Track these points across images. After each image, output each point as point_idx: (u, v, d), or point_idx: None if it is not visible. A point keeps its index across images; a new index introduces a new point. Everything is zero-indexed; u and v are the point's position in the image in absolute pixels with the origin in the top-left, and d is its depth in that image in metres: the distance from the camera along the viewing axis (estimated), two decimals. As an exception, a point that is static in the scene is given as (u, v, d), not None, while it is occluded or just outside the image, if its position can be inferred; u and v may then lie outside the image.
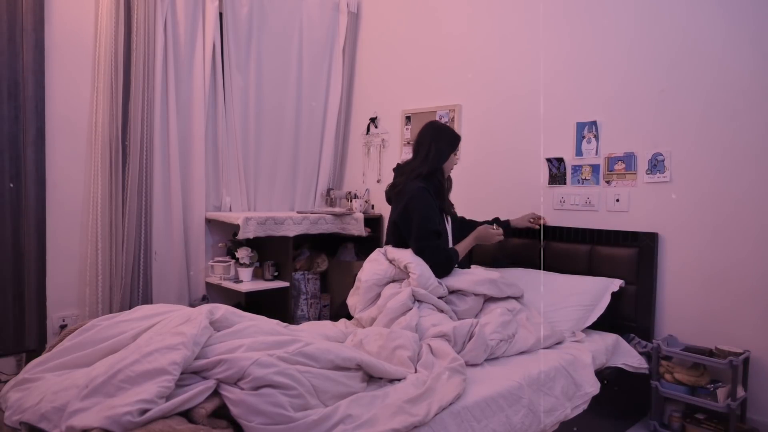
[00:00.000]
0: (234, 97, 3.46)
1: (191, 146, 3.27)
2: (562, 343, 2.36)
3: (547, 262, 2.97)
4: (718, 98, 2.49)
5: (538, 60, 3.09)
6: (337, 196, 3.91)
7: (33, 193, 2.69)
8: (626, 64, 2.76)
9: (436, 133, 2.61)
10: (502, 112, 3.26)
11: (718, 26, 2.49)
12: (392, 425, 1.48)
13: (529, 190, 3.12)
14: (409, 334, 2.03)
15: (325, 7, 3.90)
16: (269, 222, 3.18)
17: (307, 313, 3.53)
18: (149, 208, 3.07)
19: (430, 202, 2.46)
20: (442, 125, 2.71)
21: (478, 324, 2.10)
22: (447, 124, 2.96)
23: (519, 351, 2.18)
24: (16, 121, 2.63)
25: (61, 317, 2.85)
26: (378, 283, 2.43)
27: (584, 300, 2.58)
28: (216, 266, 3.26)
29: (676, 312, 2.62)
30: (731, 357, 2.25)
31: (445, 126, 2.70)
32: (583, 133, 2.91)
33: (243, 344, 1.57)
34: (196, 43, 3.26)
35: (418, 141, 2.62)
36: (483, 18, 3.35)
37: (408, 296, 2.26)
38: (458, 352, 2.01)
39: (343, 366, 1.66)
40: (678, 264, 2.61)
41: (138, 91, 2.97)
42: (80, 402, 1.39)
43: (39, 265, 2.72)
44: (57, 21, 2.78)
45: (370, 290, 2.43)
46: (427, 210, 2.44)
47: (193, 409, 1.40)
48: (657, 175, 2.66)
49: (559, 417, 1.98)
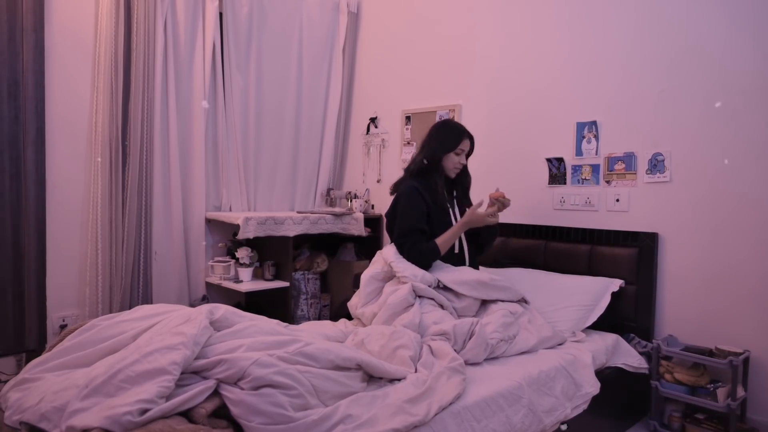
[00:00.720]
0: (234, 97, 3.46)
1: (191, 146, 3.27)
2: (563, 344, 2.36)
3: (547, 262, 2.97)
4: (718, 98, 2.49)
5: (538, 60, 3.09)
6: (337, 196, 3.91)
7: (33, 193, 2.69)
8: (626, 64, 2.76)
9: (438, 128, 2.60)
10: (503, 112, 3.26)
11: (718, 26, 2.49)
12: (392, 425, 1.48)
13: (529, 190, 3.12)
14: (411, 334, 2.02)
15: (325, 7, 3.90)
16: (269, 222, 3.18)
17: (307, 313, 3.53)
18: (149, 208, 3.07)
19: (416, 201, 2.45)
20: (448, 121, 2.71)
21: (478, 323, 2.10)
22: (456, 121, 2.88)
23: (520, 351, 2.18)
24: (16, 121, 2.63)
25: (61, 317, 2.85)
26: (376, 277, 2.44)
27: (584, 300, 2.58)
28: (216, 266, 3.26)
29: (676, 312, 2.62)
30: (731, 357, 2.25)
31: (449, 121, 2.68)
32: (583, 133, 2.91)
33: (243, 344, 1.57)
34: (196, 43, 3.26)
35: (424, 138, 2.63)
36: (483, 18, 3.35)
37: (408, 291, 2.25)
38: (459, 350, 2.02)
39: (343, 366, 1.66)
40: (678, 264, 2.61)
41: (138, 91, 2.97)
42: (80, 402, 1.39)
43: (39, 265, 2.72)
44: (57, 21, 2.78)
45: (368, 284, 2.43)
46: (410, 208, 2.45)
47: (193, 409, 1.40)
48: (657, 175, 2.66)
49: (559, 417, 1.98)
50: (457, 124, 2.68)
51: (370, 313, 2.36)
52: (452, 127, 2.61)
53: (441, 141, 2.54)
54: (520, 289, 2.53)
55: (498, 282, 2.41)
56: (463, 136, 2.55)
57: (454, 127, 2.60)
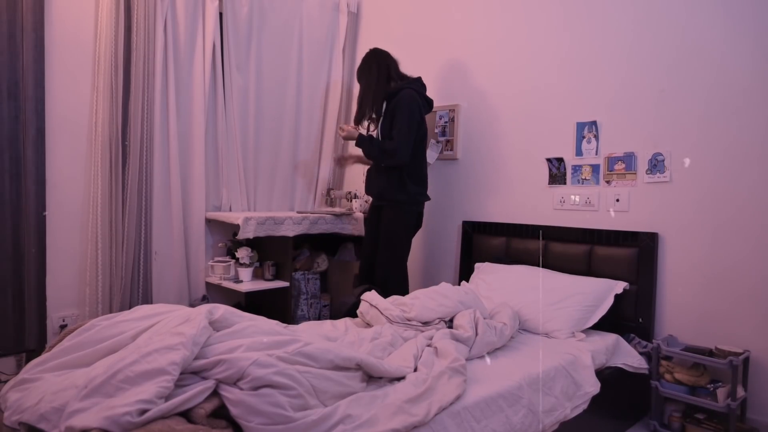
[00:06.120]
0: (234, 97, 3.46)
1: (191, 146, 3.27)
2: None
3: (547, 262, 2.97)
4: (718, 98, 2.49)
5: (538, 60, 3.09)
6: (337, 196, 3.91)
7: (33, 193, 2.69)
8: (626, 64, 2.76)
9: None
10: (502, 112, 3.25)
11: (718, 26, 2.49)
12: (392, 425, 1.48)
13: (530, 190, 3.12)
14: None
15: (325, 7, 3.89)
16: (269, 222, 3.17)
17: (307, 313, 3.53)
18: (149, 208, 3.07)
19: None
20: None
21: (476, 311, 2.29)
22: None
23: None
24: (16, 121, 2.63)
25: (61, 317, 2.85)
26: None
27: (587, 300, 2.58)
28: (216, 266, 3.26)
29: (676, 312, 2.62)
30: (731, 357, 2.25)
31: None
32: (583, 133, 2.90)
33: (242, 344, 1.57)
34: (196, 43, 3.26)
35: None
36: (483, 18, 3.35)
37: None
38: (474, 337, 2.13)
39: (343, 366, 1.66)
40: (678, 264, 2.61)
41: (138, 91, 2.97)
42: (79, 402, 1.39)
43: (39, 265, 2.72)
44: (57, 21, 2.78)
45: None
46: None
47: (192, 410, 1.40)
48: (657, 175, 2.65)
49: (558, 417, 1.98)
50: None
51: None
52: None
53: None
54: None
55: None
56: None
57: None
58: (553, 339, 2.47)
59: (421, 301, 2.36)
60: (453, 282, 3.25)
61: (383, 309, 2.36)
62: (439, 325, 2.27)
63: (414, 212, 3.10)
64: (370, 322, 2.42)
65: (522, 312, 2.59)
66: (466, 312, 2.27)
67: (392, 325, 2.27)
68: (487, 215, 3.31)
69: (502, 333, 2.26)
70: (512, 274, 2.89)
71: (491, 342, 2.18)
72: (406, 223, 3.06)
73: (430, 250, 3.61)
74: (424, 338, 2.09)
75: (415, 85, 3.04)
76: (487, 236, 3.26)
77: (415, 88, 3.02)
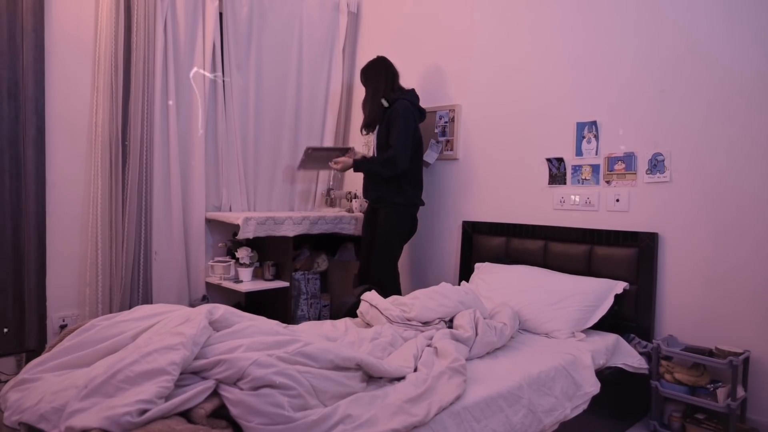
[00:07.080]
0: (234, 98, 3.46)
1: (191, 146, 3.27)
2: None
3: (547, 262, 2.97)
4: (718, 98, 2.49)
5: (539, 60, 3.09)
6: (337, 196, 3.91)
7: (33, 193, 2.69)
8: (627, 64, 2.76)
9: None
10: (503, 112, 3.25)
11: (719, 26, 2.49)
12: (392, 425, 1.48)
13: (530, 190, 3.12)
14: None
15: (325, 7, 3.89)
16: (269, 222, 3.17)
17: (307, 313, 3.53)
18: (149, 208, 3.07)
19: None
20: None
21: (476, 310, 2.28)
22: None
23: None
24: (16, 121, 2.63)
25: (61, 317, 2.85)
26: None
27: (587, 300, 2.58)
28: (216, 266, 3.26)
29: (676, 312, 2.62)
30: (731, 357, 2.25)
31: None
32: (583, 133, 2.90)
33: (242, 344, 1.57)
34: (196, 43, 3.26)
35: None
36: (483, 18, 3.35)
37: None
38: (474, 337, 2.13)
39: (343, 366, 1.66)
40: (678, 264, 2.61)
41: (138, 91, 2.97)
42: (79, 402, 1.39)
43: (39, 265, 2.72)
44: (57, 21, 2.78)
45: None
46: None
47: (192, 410, 1.40)
48: (657, 175, 2.65)
49: (558, 417, 1.98)
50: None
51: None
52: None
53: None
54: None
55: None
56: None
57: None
58: (553, 339, 2.47)
59: (421, 301, 2.36)
60: (453, 282, 3.25)
61: (383, 309, 2.36)
62: (439, 325, 2.27)
63: (410, 215, 3.21)
64: (370, 322, 2.42)
65: (522, 312, 2.59)
66: (466, 312, 2.27)
67: (392, 325, 2.28)
68: (488, 215, 3.31)
69: (502, 333, 2.26)
70: (512, 274, 2.89)
71: (491, 342, 2.18)
72: (402, 225, 3.18)
73: (430, 249, 3.61)
74: (424, 338, 2.09)
75: (408, 96, 3.19)
76: (487, 236, 3.26)
77: (408, 99, 3.17)
